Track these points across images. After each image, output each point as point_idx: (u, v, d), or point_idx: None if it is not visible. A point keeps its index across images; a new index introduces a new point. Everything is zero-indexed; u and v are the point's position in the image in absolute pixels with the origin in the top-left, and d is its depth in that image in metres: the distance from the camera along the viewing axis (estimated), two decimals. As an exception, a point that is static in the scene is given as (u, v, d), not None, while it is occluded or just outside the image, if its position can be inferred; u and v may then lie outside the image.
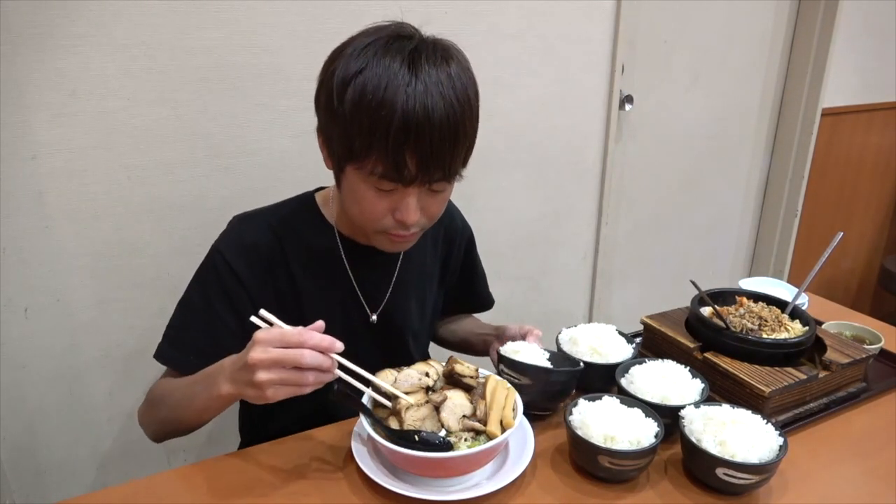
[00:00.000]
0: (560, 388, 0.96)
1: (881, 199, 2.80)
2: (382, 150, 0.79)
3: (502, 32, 1.64)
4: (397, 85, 0.77)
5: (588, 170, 1.96)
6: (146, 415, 0.99)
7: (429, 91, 0.78)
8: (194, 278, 0.99)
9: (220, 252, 0.96)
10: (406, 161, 0.80)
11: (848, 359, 1.01)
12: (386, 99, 0.77)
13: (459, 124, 0.81)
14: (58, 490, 1.42)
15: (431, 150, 0.80)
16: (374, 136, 0.79)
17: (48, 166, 1.22)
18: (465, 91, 0.82)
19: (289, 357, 0.73)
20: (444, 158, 0.82)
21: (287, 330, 0.76)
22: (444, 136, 0.80)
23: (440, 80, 0.79)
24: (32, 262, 1.26)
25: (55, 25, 1.15)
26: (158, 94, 1.27)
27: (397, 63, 0.78)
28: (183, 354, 0.96)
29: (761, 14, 2.23)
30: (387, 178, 0.82)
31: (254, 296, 0.95)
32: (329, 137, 0.87)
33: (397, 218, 0.87)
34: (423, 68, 0.79)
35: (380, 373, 0.89)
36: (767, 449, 0.82)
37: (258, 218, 1.01)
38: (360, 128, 0.79)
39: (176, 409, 0.91)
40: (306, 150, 1.42)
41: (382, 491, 0.81)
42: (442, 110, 0.79)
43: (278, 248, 0.98)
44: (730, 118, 2.31)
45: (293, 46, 1.35)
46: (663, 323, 1.12)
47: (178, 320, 0.99)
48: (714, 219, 2.45)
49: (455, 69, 0.82)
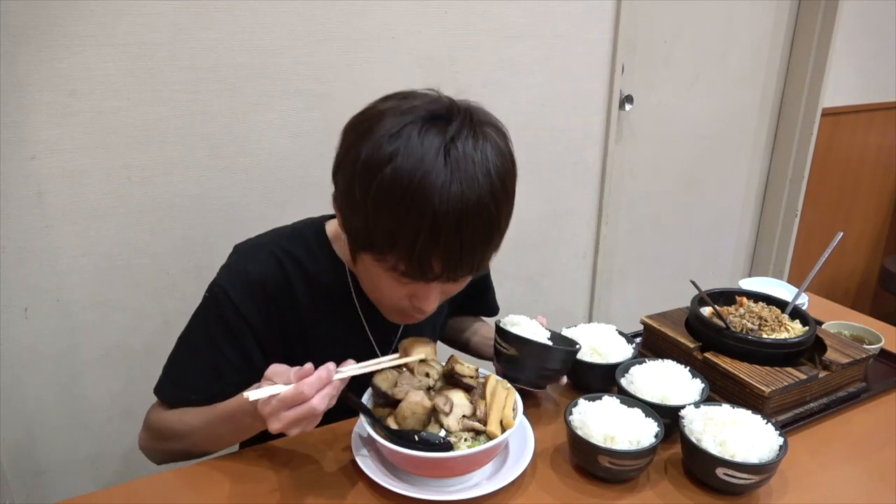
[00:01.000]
0: (555, 367, 0.95)
1: (881, 199, 2.80)
2: (407, 253, 0.73)
3: (502, 32, 1.64)
4: (431, 184, 0.69)
5: (588, 170, 1.96)
6: (152, 446, 0.97)
7: (464, 192, 0.70)
8: (196, 314, 0.94)
9: (224, 290, 0.90)
10: (432, 265, 0.74)
11: (848, 359, 1.01)
12: (416, 200, 0.69)
13: (494, 224, 0.75)
14: (58, 490, 1.41)
15: (461, 254, 0.74)
16: (398, 237, 0.72)
17: (48, 166, 1.22)
18: (502, 180, 0.75)
19: (303, 414, 0.73)
20: (474, 259, 0.77)
21: (285, 395, 0.72)
22: (477, 240, 0.75)
23: (477, 174, 0.71)
24: (32, 262, 1.26)
25: (55, 25, 1.15)
26: (158, 94, 1.27)
27: (432, 154, 0.70)
28: (184, 392, 0.93)
29: (761, 14, 2.23)
30: (409, 276, 0.77)
31: (258, 332, 0.91)
32: (346, 218, 0.80)
33: (415, 304, 0.84)
34: (461, 158, 0.71)
35: (380, 373, 0.89)
36: (767, 449, 0.82)
37: (263, 249, 0.93)
38: (383, 226, 0.73)
39: (198, 447, 0.92)
40: (306, 151, 1.42)
41: (382, 491, 0.81)
42: (477, 212, 0.72)
43: (285, 283, 0.92)
44: (730, 118, 2.31)
45: (293, 46, 1.35)
46: (663, 323, 1.12)
47: (180, 357, 0.95)
48: (714, 219, 2.45)
49: (492, 154, 0.74)
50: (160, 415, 0.95)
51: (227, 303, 0.90)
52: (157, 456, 0.98)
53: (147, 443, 0.97)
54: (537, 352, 0.92)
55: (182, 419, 0.91)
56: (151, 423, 0.96)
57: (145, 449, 0.98)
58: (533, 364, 0.93)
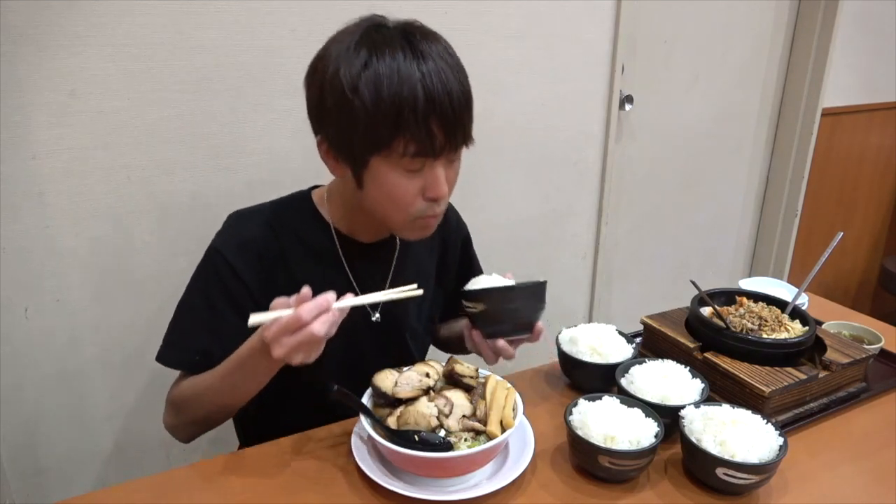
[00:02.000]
0: (526, 305, 0.92)
1: (881, 199, 2.80)
2: (412, 127, 0.82)
3: (502, 32, 1.64)
4: (409, 67, 0.81)
5: (588, 169, 1.96)
6: (176, 421, 1.00)
7: (438, 67, 0.83)
8: (193, 279, 0.99)
9: (219, 251, 0.96)
10: (435, 133, 0.83)
11: (848, 359, 1.01)
12: (404, 80, 0.81)
13: (468, 89, 0.87)
14: (58, 490, 1.41)
15: (454, 117, 0.84)
16: (401, 115, 0.81)
17: (48, 166, 1.22)
18: (460, 62, 0.88)
19: (304, 339, 0.76)
20: (464, 124, 0.87)
21: (285, 321, 0.76)
22: (461, 103, 0.85)
23: (442, 55, 0.84)
24: (32, 262, 1.26)
25: (55, 25, 1.15)
26: (158, 94, 1.27)
27: (398, 49, 0.82)
28: (187, 355, 0.96)
29: (761, 14, 2.23)
30: (420, 154, 0.84)
31: (254, 291, 0.95)
32: (345, 138, 0.86)
33: (428, 196, 0.89)
34: (422, 48, 0.83)
35: (379, 373, 0.89)
36: (767, 449, 0.82)
37: (255, 215, 1.01)
38: (385, 114, 0.81)
39: (215, 403, 0.93)
40: (306, 150, 1.42)
41: (382, 491, 0.81)
42: (454, 81, 0.84)
43: (276, 245, 0.98)
44: (730, 118, 2.31)
45: (293, 46, 1.35)
46: (663, 323, 1.12)
47: (180, 322, 0.99)
48: (714, 219, 2.45)
49: (445, 44, 0.87)
50: (177, 387, 0.98)
51: (222, 263, 0.95)
52: (183, 431, 1.01)
53: (171, 420, 1.00)
54: (501, 296, 0.90)
55: (195, 382, 0.94)
56: (171, 399, 0.99)
57: (171, 428, 1.01)
58: (503, 310, 0.90)
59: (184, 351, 0.97)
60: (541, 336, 0.94)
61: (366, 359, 1.03)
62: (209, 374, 0.92)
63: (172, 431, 1.02)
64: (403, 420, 0.83)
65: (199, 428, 1.00)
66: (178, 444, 1.50)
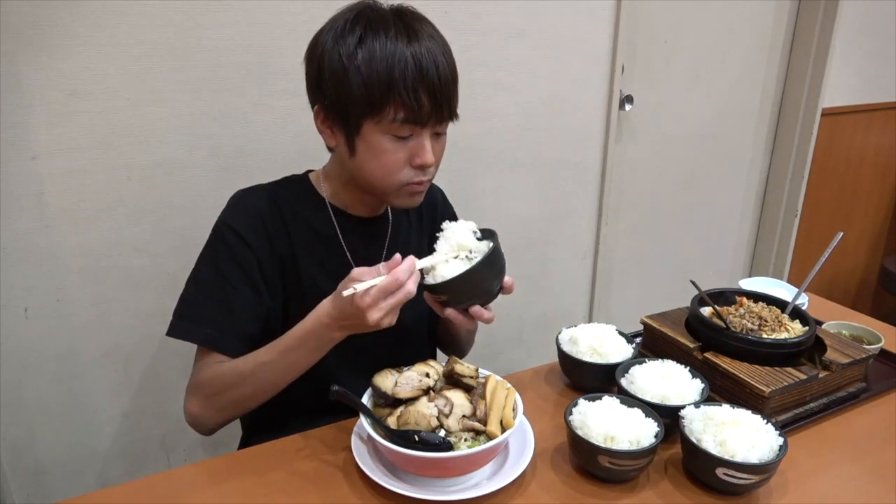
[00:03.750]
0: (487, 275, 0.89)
1: (881, 199, 2.80)
2: (402, 94, 0.88)
3: (502, 32, 1.64)
4: (402, 41, 0.88)
5: (588, 170, 1.96)
6: (205, 407, 0.97)
7: (428, 43, 0.90)
8: (202, 254, 1.01)
9: (226, 222, 0.99)
10: (423, 101, 0.89)
11: (848, 359, 1.01)
12: (397, 52, 0.88)
13: (454, 67, 0.94)
14: (58, 490, 1.41)
15: (441, 89, 0.90)
16: (392, 82, 0.87)
17: (48, 166, 1.22)
18: (447, 42, 0.95)
19: (401, 299, 0.82)
20: (450, 96, 0.93)
21: (384, 284, 0.81)
22: (448, 77, 0.92)
23: (431, 34, 0.92)
24: (32, 262, 1.26)
25: (55, 25, 1.15)
26: (158, 94, 1.27)
27: (391, 26, 0.89)
28: (198, 327, 0.97)
29: (761, 14, 2.23)
30: (408, 121, 0.90)
31: (262, 260, 0.98)
32: (341, 106, 0.92)
33: (416, 163, 0.94)
34: (414, 26, 0.90)
35: (380, 373, 0.89)
36: (767, 449, 0.82)
37: (257, 191, 1.05)
38: (379, 79, 0.87)
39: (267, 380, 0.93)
40: (306, 150, 1.42)
41: (382, 491, 0.81)
42: (441, 56, 0.91)
43: (279, 217, 1.01)
44: (730, 118, 2.31)
45: (293, 46, 1.35)
46: (663, 323, 1.12)
47: (190, 295, 1.00)
48: (714, 219, 2.45)
49: (433, 26, 0.94)
50: (215, 368, 0.96)
51: (230, 234, 0.98)
52: (212, 417, 0.98)
53: (200, 406, 0.97)
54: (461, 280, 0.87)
55: (246, 360, 0.94)
56: (205, 381, 0.96)
57: (197, 415, 0.97)
58: (467, 290, 0.89)
59: (195, 323, 0.97)
60: (513, 287, 0.94)
61: (366, 344, 1.04)
62: (264, 352, 0.92)
63: (198, 419, 0.98)
64: (403, 420, 0.83)
65: (232, 412, 0.98)
66: (178, 444, 1.51)
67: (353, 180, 1.00)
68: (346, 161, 0.97)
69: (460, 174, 1.69)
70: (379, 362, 0.92)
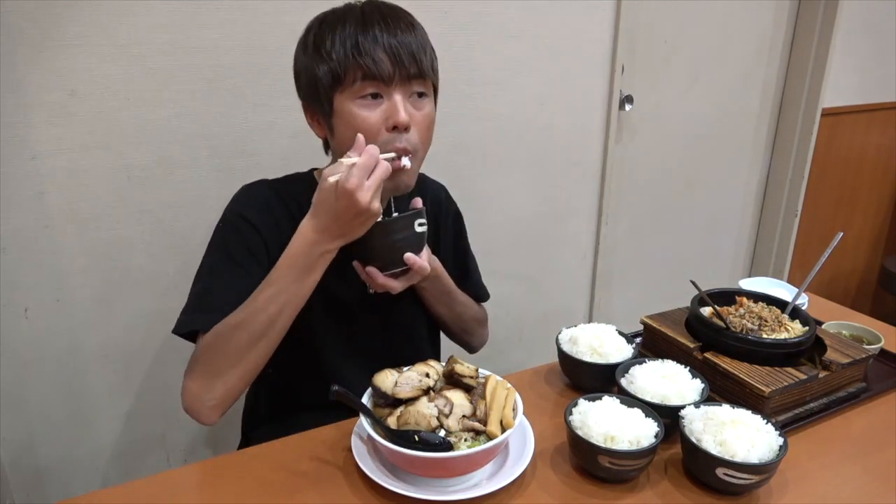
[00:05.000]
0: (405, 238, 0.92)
1: (881, 199, 2.80)
2: (358, 56, 0.89)
3: (502, 32, 1.64)
4: (359, 17, 0.92)
5: (588, 169, 1.96)
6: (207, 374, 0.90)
7: (387, 14, 0.93)
8: (210, 245, 1.00)
9: (234, 210, 1.00)
10: (380, 56, 0.90)
11: (848, 359, 1.01)
12: (351, 23, 0.91)
13: (410, 17, 0.95)
14: (58, 490, 1.42)
15: (398, 43, 0.90)
16: (346, 49, 0.90)
17: (48, 166, 1.22)
18: (414, 19, 0.96)
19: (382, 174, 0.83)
20: (410, 48, 0.92)
21: (363, 161, 0.82)
22: (402, 27, 0.92)
23: (396, 12, 0.94)
24: (32, 262, 1.26)
25: (55, 25, 1.15)
26: (158, 94, 1.27)
27: (355, 12, 0.93)
28: (211, 315, 0.91)
29: (761, 14, 2.23)
30: (369, 78, 0.90)
31: (269, 245, 0.98)
32: (312, 92, 0.95)
33: (390, 125, 0.92)
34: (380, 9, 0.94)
35: (379, 373, 0.89)
36: (767, 449, 0.82)
37: (263, 184, 1.06)
38: (336, 51, 0.90)
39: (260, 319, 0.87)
40: (306, 151, 1.41)
41: (382, 491, 0.81)
42: (394, 13, 0.93)
43: (284, 212, 1.01)
44: (730, 118, 2.31)
45: (293, 46, 1.35)
46: (663, 323, 1.12)
47: (201, 285, 0.97)
48: (714, 219, 2.45)
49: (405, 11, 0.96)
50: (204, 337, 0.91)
51: (239, 220, 0.98)
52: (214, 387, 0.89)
53: (198, 380, 0.90)
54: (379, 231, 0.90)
55: (238, 309, 0.89)
56: (201, 349, 0.91)
57: (198, 391, 0.90)
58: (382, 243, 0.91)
59: (209, 311, 0.92)
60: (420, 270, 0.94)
61: (361, 333, 1.04)
62: (252, 294, 0.89)
63: (200, 397, 0.90)
64: (403, 420, 0.83)
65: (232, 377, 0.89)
66: (178, 444, 1.51)
67: None
68: (335, 148, 0.98)
69: (460, 174, 1.69)
70: (379, 362, 0.92)
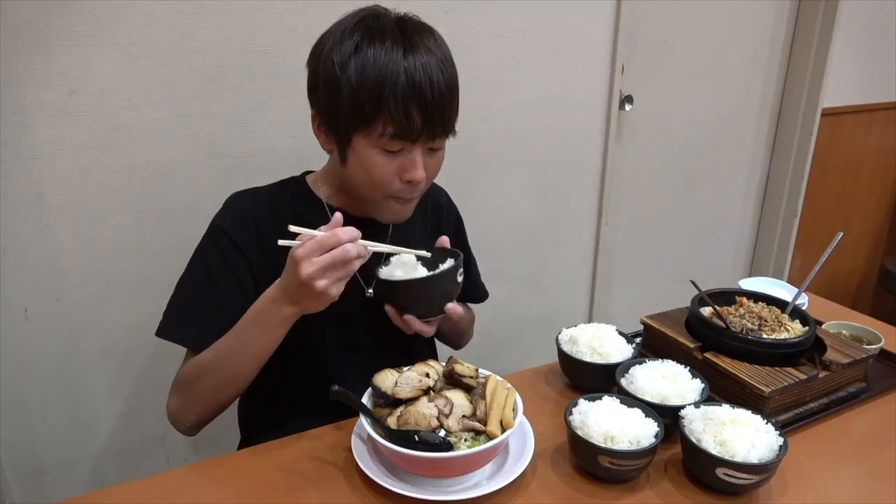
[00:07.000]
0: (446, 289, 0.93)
1: (881, 199, 2.80)
2: (392, 109, 0.86)
3: (502, 32, 1.64)
4: (397, 53, 0.86)
5: (588, 169, 1.96)
6: (182, 401, 0.97)
7: (425, 57, 0.88)
8: (194, 256, 1.01)
9: (219, 225, 0.99)
10: (414, 117, 0.87)
11: (848, 359, 1.01)
12: (390, 64, 0.86)
13: (452, 82, 0.92)
14: (58, 490, 1.42)
15: (434, 105, 0.88)
16: (382, 97, 0.86)
17: (48, 166, 1.22)
18: (449, 56, 0.92)
19: (338, 258, 0.80)
20: (444, 114, 0.90)
21: (322, 236, 0.80)
22: (443, 94, 0.89)
23: (431, 48, 0.89)
24: (32, 262, 1.26)
25: (55, 25, 1.15)
26: (158, 94, 1.27)
27: (388, 37, 0.87)
28: (185, 329, 0.97)
29: (761, 14, 2.23)
30: (397, 136, 0.88)
31: (253, 265, 0.98)
32: (333, 114, 0.91)
33: (405, 179, 0.92)
34: (413, 39, 0.88)
35: (379, 373, 0.89)
36: (767, 449, 0.82)
37: (254, 193, 1.05)
38: (368, 92, 0.86)
39: (226, 367, 0.91)
40: (306, 150, 1.41)
41: (382, 491, 0.81)
42: (438, 71, 0.89)
43: (273, 219, 1.00)
44: (730, 118, 2.31)
45: (293, 46, 1.35)
46: (663, 323, 1.12)
47: (180, 296, 1.00)
48: (714, 219, 2.45)
49: (436, 38, 0.92)
50: (185, 364, 0.97)
51: (222, 236, 0.98)
52: (188, 412, 0.96)
53: (176, 402, 0.97)
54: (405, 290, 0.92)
55: (207, 351, 0.93)
56: (179, 378, 0.98)
57: (176, 412, 0.98)
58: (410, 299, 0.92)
59: (182, 325, 0.97)
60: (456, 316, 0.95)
61: (359, 335, 1.04)
62: (222, 338, 0.92)
63: (177, 417, 0.98)
64: (403, 420, 0.83)
65: (203, 407, 0.96)
66: (177, 444, 1.51)
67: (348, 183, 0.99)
68: (341, 172, 0.97)
69: (460, 174, 1.69)
70: (379, 362, 0.92)
